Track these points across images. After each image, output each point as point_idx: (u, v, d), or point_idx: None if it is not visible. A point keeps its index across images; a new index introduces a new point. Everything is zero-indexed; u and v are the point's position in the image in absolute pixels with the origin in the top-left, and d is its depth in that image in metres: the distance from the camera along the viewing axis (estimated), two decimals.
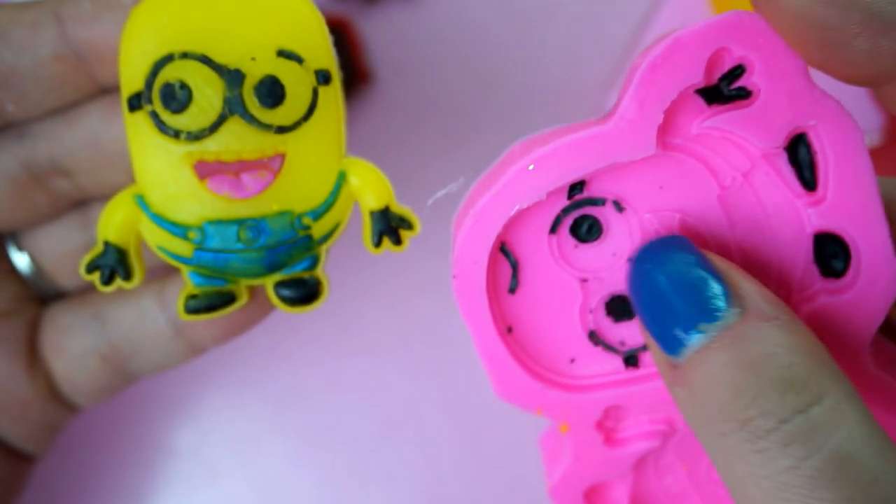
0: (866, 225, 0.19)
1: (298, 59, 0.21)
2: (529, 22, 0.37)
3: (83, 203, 0.25)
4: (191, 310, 0.22)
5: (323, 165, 0.22)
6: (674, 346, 0.17)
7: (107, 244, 0.22)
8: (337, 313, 0.35)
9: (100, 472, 0.33)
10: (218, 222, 0.22)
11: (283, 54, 0.21)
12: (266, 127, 0.21)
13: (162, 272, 0.25)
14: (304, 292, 0.22)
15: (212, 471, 0.34)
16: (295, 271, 0.22)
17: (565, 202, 0.19)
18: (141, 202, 0.22)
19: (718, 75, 0.18)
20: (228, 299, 0.22)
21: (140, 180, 0.22)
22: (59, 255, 0.25)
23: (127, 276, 0.22)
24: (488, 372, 0.20)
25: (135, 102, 0.21)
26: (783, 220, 0.19)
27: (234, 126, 0.21)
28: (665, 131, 0.18)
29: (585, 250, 0.20)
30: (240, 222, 0.22)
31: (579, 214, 0.20)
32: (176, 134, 0.21)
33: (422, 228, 0.22)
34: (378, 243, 0.22)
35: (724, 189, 0.19)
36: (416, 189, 0.23)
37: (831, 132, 0.18)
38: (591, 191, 0.19)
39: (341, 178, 0.22)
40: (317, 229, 0.22)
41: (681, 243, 0.19)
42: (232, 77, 0.21)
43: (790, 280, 0.20)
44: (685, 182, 0.19)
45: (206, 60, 0.21)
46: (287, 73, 0.21)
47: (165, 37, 0.21)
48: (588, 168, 0.18)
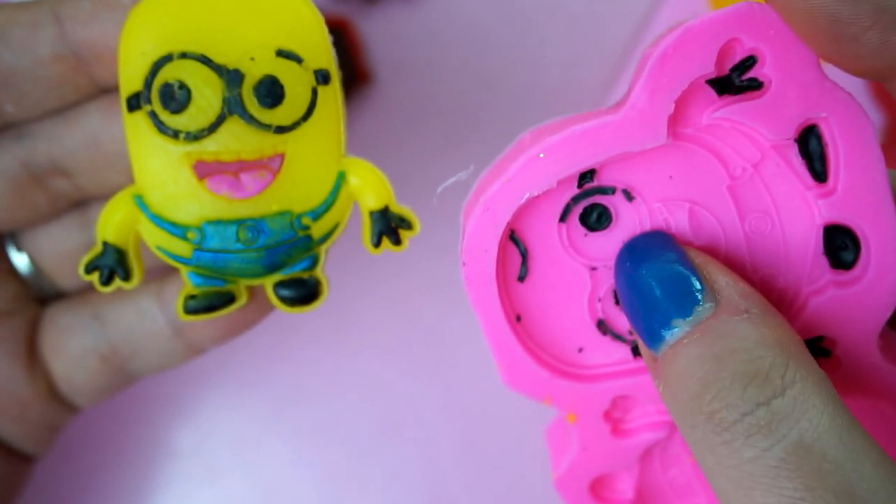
0: (876, 217, 0.19)
1: (298, 59, 0.21)
2: (529, 22, 0.37)
3: (82, 203, 0.25)
4: (190, 310, 0.22)
5: (322, 165, 0.22)
6: (654, 341, 0.18)
7: (106, 244, 0.22)
8: (337, 313, 0.34)
9: (100, 472, 0.33)
10: (217, 222, 0.22)
11: (283, 54, 0.21)
12: (265, 127, 0.21)
13: (161, 272, 0.25)
14: (304, 292, 0.22)
15: (212, 471, 0.34)
16: (294, 271, 0.22)
17: (575, 191, 0.19)
18: (140, 202, 0.22)
19: (729, 66, 0.18)
20: (228, 299, 0.22)
21: (139, 180, 0.22)
22: (59, 255, 0.25)
23: (126, 277, 0.22)
24: (497, 361, 0.20)
25: (134, 102, 0.21)
26: (793, 212, 0.19)
27: (234, 126, 0.21)
28: (676, 121, 0.18)
29: (595, 239, 0.20)
30: (239, 222, 0.22)
31: (589, 203, 0.20)
32: (175, 134, 0.21)
33: (422, 228, 0.22)
34: (377, 243, 0.22)
35: (735, 180, 0.19)
36: (416, 189, 0.23)
37: (842, 124, 0.18)
38: (602, 179, 0.19)
39: (341, 178, 0.22)
40: (316, 229, 0.22)
41: (661, 240, 0.19)
42: (231, 77, 0.21)
43: (799, 271, 0.20)
44: (695, 172, 0.19)
45: (206, 60, 0.21)
46: (286, 73, 0.21)
47: (164, 37, 0.21)
48: (599, 157, 0.18)
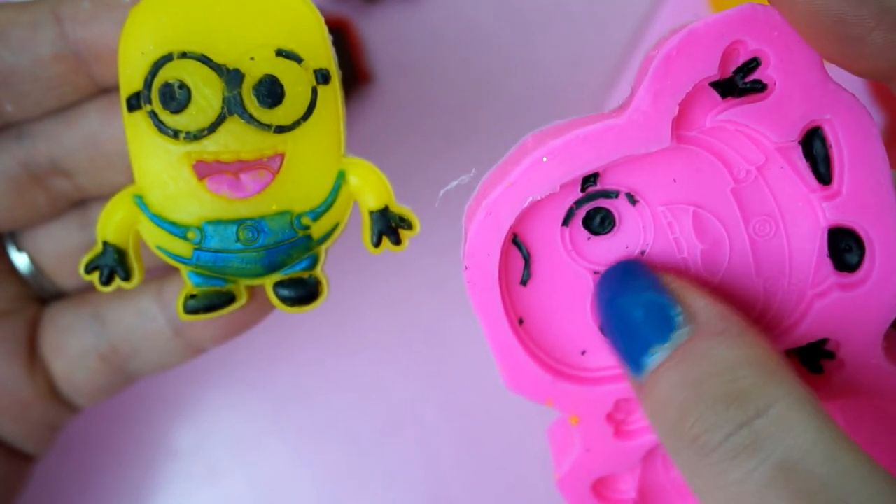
0: (881, 219, 0.18)
1: (297, 59, 0.21)
2: (529, 22, 0.37)
3: (82, 203, 0.25)
4: (190, 310, 0.22)
5: (322, 165, 0.22)
6: (636, 368, 0.18)
7: (106, 244, 0.22)
8: (337, 313, 0.34)
9: (100, 472, 0.33)
10: (217, 222, 0.22)
11: (282, 54, 0.21)
12: (265, 127, 0.21)
13: (161, 272, 0.25)
14: (304, 292, 0.22)
15: (212, 471, 0.34)
16: (294, 271, 0.22)
17: (578, 194, 0.19)
18: (140, 202, 0.22)
19: (733, 68, 0.18)
20: (228, 299, 0.22)
21: (139, 180, 0.22)
22: (59, 255, 0.25)
23: (126, 276, 0.22)
24: (499, 364, 0.20)
25: (134, 102, 0.21)
26: (797, 214, 0.19)
27: (233, 126, 0.21)
28: (679, 124, 0.18)
29: (598, 243, 0.20)
30: (239, 222, 0.22)
31: (592, 207, 0.20)
32: (175, 134, 0.21)
33: (422, 228, 0.22)
34: (377, 243, 0.22)
35: (739, 182, 0.19)
36: (416, 189, 0.23)
37: (846, 126, 0.18)
38: (605, 183, 0.19)
39: (340, 178, 0.22)
40: (316, 229, 0.22)
41: (634, 268, 0.19)
42: (231, 77, 0.21)
43: (804, 274, 0.20)
44: (699, 175, 0.19)
45: (205, 60, 0.21)
46: (286, 73, 0.21)
47: (164, 36, 0.21)
48: (602, 160, 0.18)
